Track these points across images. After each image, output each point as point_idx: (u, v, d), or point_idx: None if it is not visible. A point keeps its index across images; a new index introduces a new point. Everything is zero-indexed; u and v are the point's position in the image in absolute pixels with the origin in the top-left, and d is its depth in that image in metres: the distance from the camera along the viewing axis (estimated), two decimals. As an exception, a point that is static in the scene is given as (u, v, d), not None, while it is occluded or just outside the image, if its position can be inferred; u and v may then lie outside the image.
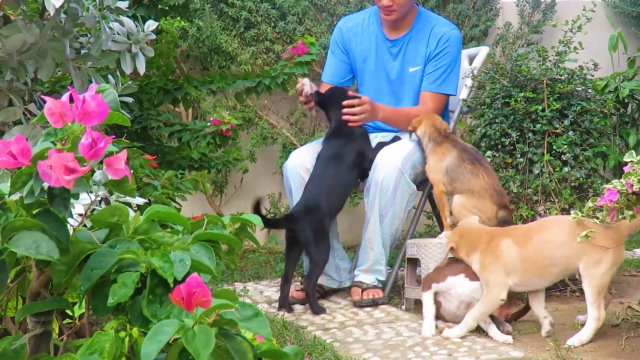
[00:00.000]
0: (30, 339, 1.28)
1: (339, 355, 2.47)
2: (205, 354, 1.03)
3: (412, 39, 3.45)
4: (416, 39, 3.44)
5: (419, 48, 3.43)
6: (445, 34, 3.41)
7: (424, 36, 3.43)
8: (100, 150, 1.16)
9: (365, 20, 3.57)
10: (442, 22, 3.49)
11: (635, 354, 2.37)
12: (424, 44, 3.43)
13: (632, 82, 4.56)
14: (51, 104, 1.19)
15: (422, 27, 3.45)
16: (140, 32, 2.59)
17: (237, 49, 4.63)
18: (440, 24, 3.46)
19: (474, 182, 3.01)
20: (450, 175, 3.09)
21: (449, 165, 3.10)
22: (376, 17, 3.53)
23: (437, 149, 3.14)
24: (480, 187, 3.00)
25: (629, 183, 2.20)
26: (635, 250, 4.09)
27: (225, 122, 3.40)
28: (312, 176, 3.24)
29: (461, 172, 3.06)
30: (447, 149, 3.12)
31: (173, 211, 1.35)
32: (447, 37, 3.41)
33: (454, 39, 3.42)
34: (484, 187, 3.00)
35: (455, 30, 3.46)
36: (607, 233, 2.51)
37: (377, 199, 3.19)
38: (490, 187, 3.01)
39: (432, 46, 3.41)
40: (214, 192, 4.84)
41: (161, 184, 2.72)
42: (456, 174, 3.07)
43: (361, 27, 3.55)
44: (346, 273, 3.45)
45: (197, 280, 1.07)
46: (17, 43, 2.13)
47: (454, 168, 3.08)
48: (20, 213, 1.22)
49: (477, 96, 3.43)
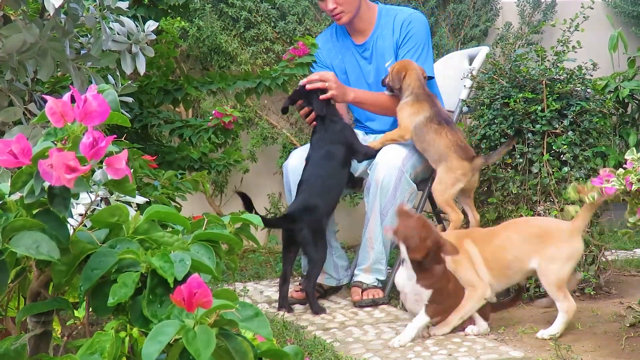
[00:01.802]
0: (30, 339, 1.28)
1: (339, 355, 2.47)
2: (206, 355, 1.03)
3: (379, 37, 3.47)
4: (382, 36, 3.47)
5: (386, 42, 3.45)
6: (407, 18, 3.43)
7: (389, 28, 3.45)
8: (101, 150, 1.16)
9: (333, 34, 3.60)
10: (403, 11, 3.51)
11: (635, 354, 2.37)
12: (390, 34, 3.44)
13: (632, 82, 4.57)
14: (52, 103, 1.19)
15: (385, 22, 3.48)
16: (140, 32, 2.59)
17: (237, 49, 4.63)
18: (401, 13, 3.48)
19: (438, 141, 3.12)
20: (417, 133, 3.19)
21: (418, 123, 3.18)
22: (342, 28, 3.55)
23: (416, 104, 3.21)
24: (445, 146, 3.11)
25: (628, 180, 2.20)
26: (635, 250, 4.09)
27: (227, 115, 3.40)
28: (306, 177, 3.24)
29: (426, 131, 3.16)
30: (424, 107, 3.20)
31: (173, 211, 1.35)
32: (409, 21, 3.42)
33: (416, 21, 3.43)
34: (447, 145, 3.11)
35: (417, 14, 3.48)
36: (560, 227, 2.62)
37: (378, 199, 3.19)
38: (454, 144, 3.10)
39: (397, 34, 3.43)
40: (214, 192, 4.84)
41: (161, 184, 2.72)
42: (422, 132, 3.17)
43: (332, 42, 3.58)
44: (344, 271, 3.47)
45: (198, 281, 1.07)
46: (17, 43, 2.13)
47: (420, 127, 3.17)
48: (20, 213, 1.22)
49: (477, 97, 3.43)
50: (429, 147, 3.17)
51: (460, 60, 3.81)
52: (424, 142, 3.18)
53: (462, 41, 4.99)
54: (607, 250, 3.32)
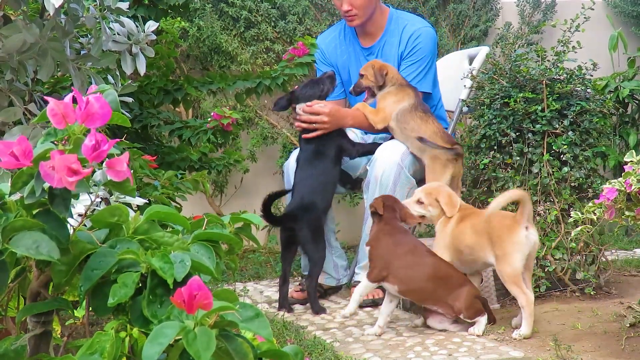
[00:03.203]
0: (30, 339, 1.28)
1: (339, 355, 2.47)
2: (207, 356, 1.03)
3: (386, 43, 3.45)
4: (390, 42, 3.44)
5: (393, 50, 3.43)
6: (415, 32, 3.40)
7: (397, 37, 3.43)
8: (103, 153, 1.16)
9: (341, 32, 3.57)
10: (413, 21, 3.47)
11: (635, 354, 2.37)
12: (397, 42, 3.43)
13: (632, 82, 4.57)
14: (54, 105, 1.19)
15: (394, 29, 3.45)
16: (140, 32, 2.59)
17: (237, 49, 4.63)
18: (411, 23, 3.44)
19: (424, 128, 3.19)
20: (399, 119, 3.24)
21: (402, 109, 3.23)
22: (351, 29, 3.53)
23: (400, 91, 3.26)
24: (431, 132, 3.18)
25: (628, 182, 2.20)
26: (635, 250, 4.09)
27: (226, 117, 3.40)
28: (301, 176, 3.24)
29: (412, 117, 3.22)
30: (409, 94, 3.26)
31: (173, 211, 1.35)
32: (417, 35, 3.39)
33: (424, 35, 3.40)
34: (433, 131, 3.19)
35: (427, 28, 3.44)
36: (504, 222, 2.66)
37: (377, 194, 3.19)
38: (440, 130, 3.20)
39: (403, 46, 3.41)
40: (214, 192, 4.84)
41: (161, 184, 2.72)
42: (407, 119, 3.22)
43: (338, 41, 3.57)
44: (343, 270, 3.48)
45: (199, 283, 1.07)
46: (17, 43, 2.13)
47: (405, 113, 3.23)
48: (20, 213, 1.22)
49: (477, 97, 3.43)
50: (413, 133, 3.20)
51: (460, 60, 3.81)
52: (406, 130, 3.22)
53: (462, 41, 4.98)
54: (607, 250, 3.31)
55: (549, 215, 3.09)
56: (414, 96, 3.24)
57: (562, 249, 3.09)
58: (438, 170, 3.15)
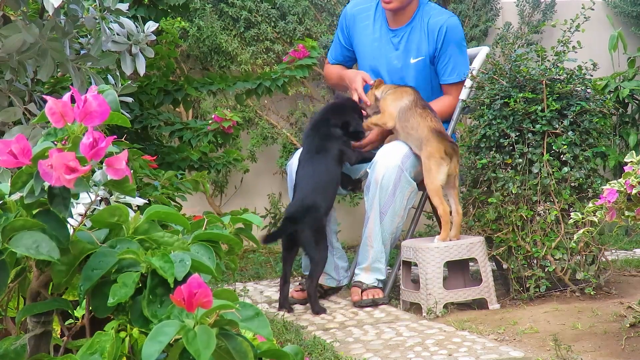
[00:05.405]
0: (30, 339, 1.28)
1: (339, 355, 2.47)
2: (207, 355, 1.03)
3: (413, 30, 3.50)
4: (416, 30, 3.49)
5: (420, 39, 3.48)
6: (442, 26, 3.46)
7: (423, 27, 3.49)
8: (101, 150, 1.16)
9: (372, 7, 3.61)
10: (436, 12, 3.52)
11: (635, 354, 2.37)
12: (424, 35, 3.48)
13: (632, 82, 4.57)
14: (52, 103, 1.19)
15: (420, 19, 3.51)
16: (140, 33, 2.59)
17: (237, 49, 4.63)
18: (435, 14, 3.50)
19: (423, 125, 3.20)
20: (401, 118, 3.27)
21: (403, 107, 3.26)
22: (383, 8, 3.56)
23: (398, 90, 3.32)
24: (429, 129, 3.19)
25: (628, 183, 2.20)
26: (635, 250, 4.09)
27: (227, 119, 3.40)
28: (302, 176, 3.23)
29: (412, 114, 3.24)
30: (407, 92, 3.30)
31: (173, 211, 1.35)
32: (444, 30, 3.45)
33: (451, 27, 3.47)
34: (431, 128, 3.19)
35: (452, 19, 3.50)
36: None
37: (377, 197, 3.19)
38: (438, 128, 3.21)
39: (432, 41, 3.47)
40: (214, 192, 4.85)
41: (161, 184, 2.72)
42: (407, 116, 3.25)
43: (367, 13, 3.60)
44: (344, 272, 3.48)
45: (199, 281, 1.07)
46: (17, 43, 2.13)
47: (406, 110, 3.26)
48: (20, 213, 1.22)
49: (477, 97, 3.43)
50: (413, 131, 3.22)
51: (460, 60, 3.80)
52: (407, 127, 3.24)
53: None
54: (607, 250, 3.31)
55: (549, 216, 3.09)
56: (412, 92, 3.29)
57: (562, 249, 3.09)
58: (433, 169, 3.15)
